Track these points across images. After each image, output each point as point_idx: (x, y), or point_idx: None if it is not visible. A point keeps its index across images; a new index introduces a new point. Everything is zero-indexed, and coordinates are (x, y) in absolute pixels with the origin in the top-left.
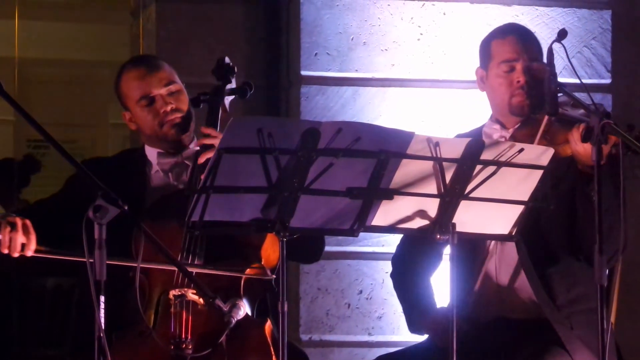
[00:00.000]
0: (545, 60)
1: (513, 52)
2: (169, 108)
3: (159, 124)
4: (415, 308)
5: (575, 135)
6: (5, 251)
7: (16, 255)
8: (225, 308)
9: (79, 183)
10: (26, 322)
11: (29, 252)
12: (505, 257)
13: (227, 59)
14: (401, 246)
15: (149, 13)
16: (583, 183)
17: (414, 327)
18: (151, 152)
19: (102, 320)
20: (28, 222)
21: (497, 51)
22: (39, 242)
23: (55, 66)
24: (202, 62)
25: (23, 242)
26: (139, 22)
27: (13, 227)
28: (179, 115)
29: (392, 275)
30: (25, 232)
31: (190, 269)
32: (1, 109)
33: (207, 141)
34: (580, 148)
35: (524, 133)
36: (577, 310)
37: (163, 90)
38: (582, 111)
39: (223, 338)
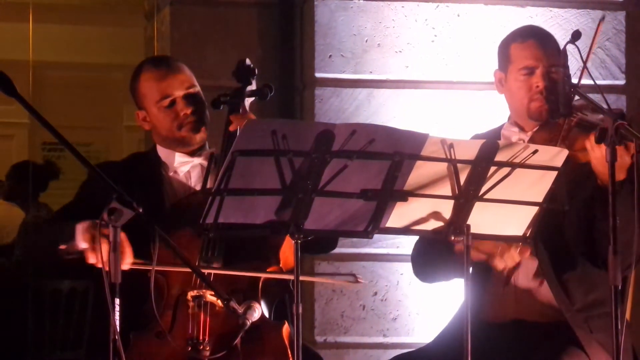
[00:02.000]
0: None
1: (533, 57)
2: (189, 111)
3: (178, 126)
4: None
5: (591, 141)
6: (99, 265)
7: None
8: (240, 310)
9: (93, 187)
10: (42, 325)
11: (126, 266)
12: (524, 260)
13: (247, 61)
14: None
15: (163, 16)
16: (603, 200)
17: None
18: (166, 154)
19: (117, 322)
20: (122, 235)
21: (516, 56)
22: None
23: (70, 69)
24: (216, 65)
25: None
26: (153, 25)
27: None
28: (197, 118)
29: (415, 271)
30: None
31: (208, 271)
32: (16, 112)
33: None
34: (597, 154)
35: (543, 137)
36: (595, 314)
37: (183, 93)
38: (602, 116)
39: (238, 340)
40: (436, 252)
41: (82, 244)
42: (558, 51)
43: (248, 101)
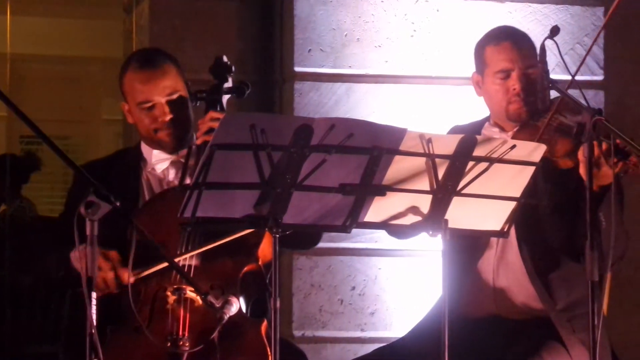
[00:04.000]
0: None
1: (508, 60)
2: (167, 118)
3: (155, 130)
4: None
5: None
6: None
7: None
8: (218, 304)
9: (78, 193)
10: (19, 319)
11: (126, 283)
12: (504, 259)
13: (224, 58)
14: None
15: (142, 9)
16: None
17: None
18: (147, 150)
19: (94, 316)
20: (112, 255)
21: (491, 59)
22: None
23: (48, 62)
24: (195, 58)
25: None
26: (132, 18)
27: (99, 269)
28: (176, 124)
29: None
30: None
31: (183, 257)
32: None
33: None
34: (602, 172)
35: (523, 137)
36: (578, 314)
37: (164, 99)
38: (580, 117)
39: (216, 335)
40: None
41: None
42: (534, 51)
43: (225, 98)
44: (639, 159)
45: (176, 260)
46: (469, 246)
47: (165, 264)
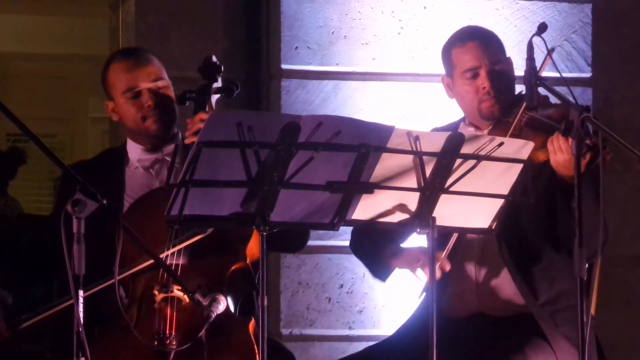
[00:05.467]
0: (525, 55)
1: (474, 59)
2: (153, 103)
3: (142, 117)
4: (386, 249)
5: (555, 144)
6: None
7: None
8: (205, 302)
9: (67, 190)
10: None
11: (9, 334)
12: (486, 255)
13: (214, 58)
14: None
15: (128, 6)
16: (563, 193)
17: (380, 267)
18: (133, 149)
19: (81, 314)
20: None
21: (458, 60)
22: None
23: (34, 60)
24: (182, 56)
25: None
26: (119, 16)
27: None
28: (163, 111)
29: (351, 245)
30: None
31: (166, 253)
32: None
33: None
34: (560, 158)
35: (498, 135)
36: (560, 308)
37: (150, 85)
38: (550, 111)
39: (203, 333)
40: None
41: None
42: (500, 47)
43: (214, 98)
44: (606, 149)
45: (161, 256)
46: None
47: (150, 261)
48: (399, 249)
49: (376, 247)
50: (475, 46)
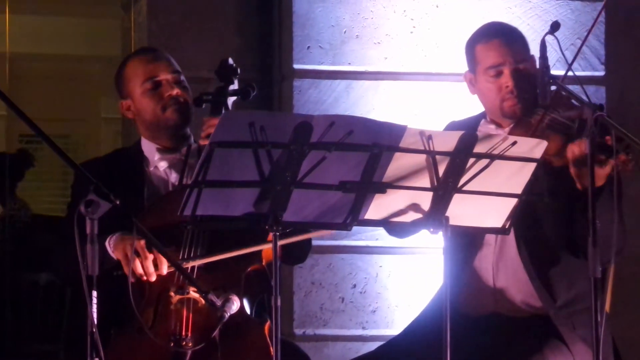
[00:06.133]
0: (538, 54)
1: (498, 56)
2: (174, 92)
3: (162, 107)
4: None
5: (573, 151)
6: (144, 278)
7: (153, 278)
8: (219, 302)
9: (81, 188)
10: (20, 318)
11: (164, 270)
12: (503, 257)
13: (230, 60)
14: None
15: (140, 7)
16: (581, 200)
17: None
18: (149, 148)
19: (95, 315)
20: (143, 243)
21: (482, 56)
22: None
23: (47, 61)
24: (194, 56)
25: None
26: (131, 16)
27: (138, 255)
28: (183, 102)
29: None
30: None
31: (192, 263)
32: None
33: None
34: (577, 156)
35: (517, 134)
36: (577, 310)
37: (170, 76)
38: (573, 113)
39: (217, 334)
40: None
41: (116, 255)
42: (524, 45)
43: (230, 100)
44: (629, 156)
45: (182, 264)
46: (466, 244)
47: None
48: None
49: None
50: (500, 43)
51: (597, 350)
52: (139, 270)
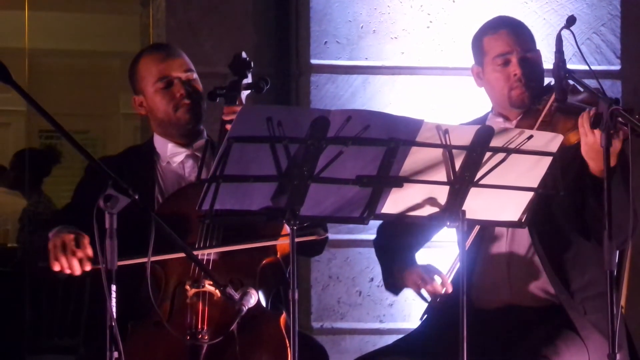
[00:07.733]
0: (554, 48)
1: (506, 45)
2: (185, 92)
3: (174, 107)
4: (395, 264)
5: (585, 127)
6: (67, 271)
7: (78, 273)
8: (237, 296)
9: (86, 188)
10: (39, 312)
11: (87, 267)
12: (516, 245)
13: (244, 54)
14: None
15: (158, 3)
16: (593, 185)
17: (391, 281)
18: (161, 144)
19: (114, 309)
20: (80, 237)
21: (489, 46)
22: None
23: (66, 57)
24: (212, 52)
25: (80, 258)
26: (149, 12)
27: (64, 249)
28: (194, 102)
29: (375, 242)
30: (78, 250)
31: (208, 251)
32: (13, 100)
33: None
34: (590, 140)
35: (528, 124)
36: (590, 295)
37: (182, 75)
38: (581, 97)
39: (235, 327)
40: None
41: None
42: (531, 36)
43: (244, 94)
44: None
45: (195, 254)
46: (479, 236)
47: (182, 254)
48: (410, 263)
49: (392, 258)
50: (508, 33)
51: (612, 343)
52: (62, 263)
